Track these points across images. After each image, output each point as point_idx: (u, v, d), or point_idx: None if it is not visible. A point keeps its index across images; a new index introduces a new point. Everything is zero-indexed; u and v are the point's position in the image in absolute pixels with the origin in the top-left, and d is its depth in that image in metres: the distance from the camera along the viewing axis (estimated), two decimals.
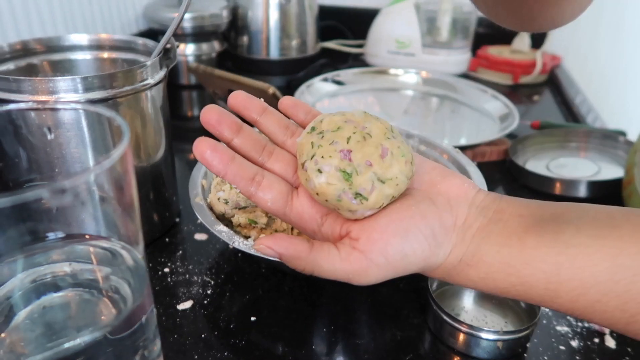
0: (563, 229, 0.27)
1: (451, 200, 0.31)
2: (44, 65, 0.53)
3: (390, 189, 0.29)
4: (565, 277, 0.27)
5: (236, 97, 0.33)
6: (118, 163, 0.24)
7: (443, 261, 0.30)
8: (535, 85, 1.06)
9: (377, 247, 0.29)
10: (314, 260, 0.30)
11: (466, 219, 0.30)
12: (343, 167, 0.29)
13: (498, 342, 0.39)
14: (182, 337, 0.41)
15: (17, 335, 0.26)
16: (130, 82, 0.45)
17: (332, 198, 0.29)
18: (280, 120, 0.34)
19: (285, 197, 0.31)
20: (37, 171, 0.31)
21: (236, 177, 0.31)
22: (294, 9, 1.05)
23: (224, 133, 0.32)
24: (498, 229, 0.29)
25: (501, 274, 0.28)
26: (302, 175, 0.30)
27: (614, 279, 0.26)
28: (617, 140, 0.71)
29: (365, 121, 0.31)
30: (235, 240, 0.42)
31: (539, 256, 0.27)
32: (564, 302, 0.27)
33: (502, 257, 0.28)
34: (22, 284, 0.27)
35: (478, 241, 0.29)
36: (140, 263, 0.29)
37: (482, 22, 1.17)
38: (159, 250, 0.51)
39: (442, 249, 0.30)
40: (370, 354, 0.41)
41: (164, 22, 0.96)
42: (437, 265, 0.30)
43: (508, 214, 0.30)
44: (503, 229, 0.29)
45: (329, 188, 0.29)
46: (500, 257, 0.28)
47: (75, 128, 0.30)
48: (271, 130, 0.34)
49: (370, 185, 0.29)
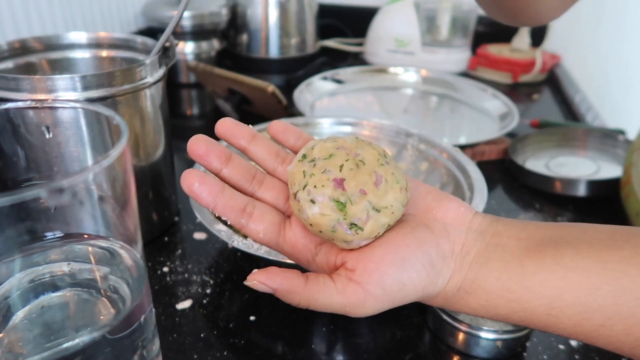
0: (562, 252, 0.27)
1: (448, 226, 0.30)
2: (43, 63, 0.53)
3: (385, 218, 0.28)
4: (568, 302, 0.26)
5: (223, 125, 0.32)
6: (117, 162, 0.24)
7: (442, 289, 0.29)
8: (534, 84, 1.06)
9: (374, 279, 0.28)
10: (310, 294, 0.29)
11: (464, 244, 0.29)
12: (337, 197, 0.28)
13: (497, 342, 0.39)
14: (181, 337, 0.41)
15: (15, 336, 0.26)
16: (129, 80, 0.44)
17: (326, 229, 0.28)
18: (270, 147, 0.33)
19: (277, 227, 0.31)
20: (35, 170, 0.31)
21: (226, 209, 0.30)
22: (294, 7, 1.05)
23: (212, 164, 0.31)
24: (497, 254, 0.28)
25: (501, 300, 0.28)
26: (295, 205, 0.29)
27: (618, 302, 0.25)
28: (617, 139, 0.71)
29: (357, 147, 0.30)
30: (235, 239, 0.42)
31: (540, 281, 0.27)
32: (567, 327, 0.27)
33: (502, 284, 0.28)
34: (20, 283, 0.27)
35: (477, 267, 0.29)
36: (139, 262, 0.29)
37: (482, 21, 1.17)
38: (157, 250, 0.51)
39: (441, 277, 0.29)
40: (370, 353, 0.40)
41: (163, 21, 0.96)
42: (436, 294, 0.30)
43: (506, 238, 0.29)
44: (502, 254, 0.28)
45: (323, 219, 0.28)
46: (500, 284, 0.28)
47: (73, 127, 0.30)
48: (261, 158, 0.33)
49: (365, 215, 0.28)
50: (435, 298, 0.30)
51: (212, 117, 0.88)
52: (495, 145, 0.72)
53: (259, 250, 0.41)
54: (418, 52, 1.09)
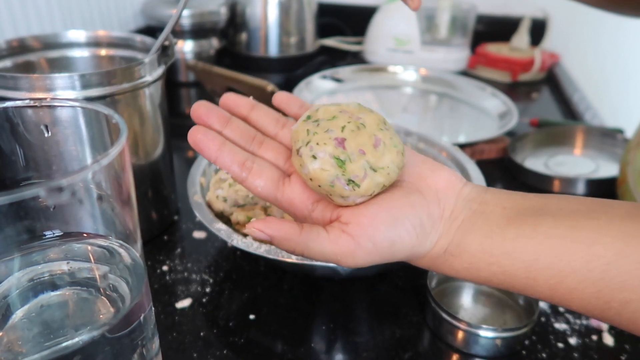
0: (541, 221, 0.29)
1: (439, 192, 0.32)
2: (41, 62, 0.53)
3: (381, 178, 0.30)
4: (543, 266, 0.28)
5: (227, 98, 0.35)
6: (116, 161, 0.24)
7: (429, 251, 0.31)
8: (534, 82, 1.06)
9: (366, 233, 0.30)
10: (304, 242, 0.30)
11: (452, 211, 0.31)
12: (337, 155, 0.30)
13: (497, 340, 0.39)
14: (181, 336, 0.41)
15: (15, 334, 0.26)
16: (128, 79, 0.44)
17: (325, 183, 0.30)
18: (270, 114, 0.35)
19: (276, 183, 0.32)
20: (34, 169, 0.31)
21: (227, 161, 0.31)
22: (293, 6, 1.05)
23: (213, 125, 0.33)
24: (481, 221, 0.30)
25: (483, 263, 0.30)
26: (297, 161, 0.31)
27: (588, 267, 0.27)
28: (615, 138, 0.71)
29: (359, 112, 0.32)
30: (234, 238, 0.42)
31: (519, 247, 0.29)
32: (543, 290, 0.29)
33: (484, 248, 0.29)
34: (19, 282, 0.27)
35: (462, 232, 0.30)
36: (138, 261, 0.29)
37: (481, 20, 1.17)
38: (157, 249, 0.51)
39: (429, 239, 0.31)
40: (370, 352, 0.41)
41: (162, 19, 0.96)
42: (423, 255, 0.31)
43: (492, 206, 0.31)
44: (486, 221, 0.30)
45: (323, 174, 0.30)
46: (483, 248, 0.30)
47: (72, 126, 0.30)
48: (262, 124, 0.35)
49: (363, 173, 0.30)
50: (423, 259, 0.32)
51: None
52: (494, 144, 0.72)
53: (258, 249, 0.41)
54: (417, 51, 1.09)
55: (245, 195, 0.45)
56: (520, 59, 1.05)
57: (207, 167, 0.52)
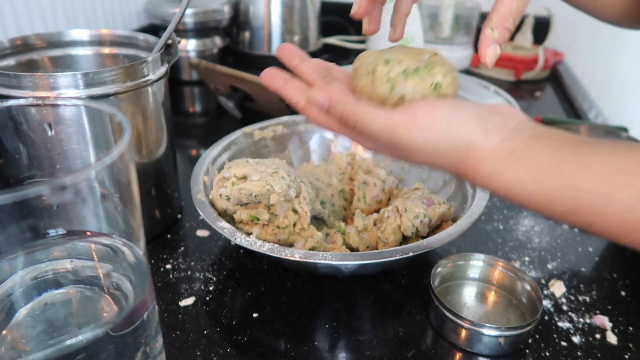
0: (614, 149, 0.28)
1: (503, 111, 0.32)
2: (45, 61, 0.53)
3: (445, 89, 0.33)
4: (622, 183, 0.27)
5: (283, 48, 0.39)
6: (119, 159, 0.24)
7: (489, 149, 0.30)
8: (537, 81, 1.06)
9: (424, 110, 0.31)
10: (360, 107, 0.32)
11: (518, 125, 0.31)
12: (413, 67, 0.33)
13: (500, 338, 0.39)
14: (184, 334, 0.41)
15: (19, 332, 0.26)
16: (131, 78, 0.44)
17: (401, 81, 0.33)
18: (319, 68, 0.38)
19: None
20: (37, 168, 0.31)
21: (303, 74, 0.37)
22: (296, 5, 1.05)
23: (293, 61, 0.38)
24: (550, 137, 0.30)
25: (553, 175, 0.28)
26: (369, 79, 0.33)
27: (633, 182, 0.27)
28: (620, 137, 0.71)
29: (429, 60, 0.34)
30: (237, 236, 0.42)
31: (594, 162, 0.28)
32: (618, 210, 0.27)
33: (556, 159, 0.29)
34: (23, 280, 0.27)
35: (530, 143, 0.30)
36: (141, 260, 0.29)
37: (485, 18, 1.17)
38: (160, 247, 0.51)
39: (490, 136, 0.30)
40: (373, 350, 0.41)
41: (166, 18, 0.96)
42: (483, 152, 0.30)
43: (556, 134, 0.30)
44: (556, 138, 0.30)
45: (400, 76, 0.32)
46: (554, 159, 0.29)
47: (76, 124, 0.30)
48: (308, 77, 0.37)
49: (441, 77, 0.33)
50: (482, 160, 0.31)
51: (214, 114, 0.88)
52: None
53: (261, 248, 0.41)
54: None
55: (248, 194, 0.45)
56: (523, 57, 1.04)
57: (210, 166, 0.52)
